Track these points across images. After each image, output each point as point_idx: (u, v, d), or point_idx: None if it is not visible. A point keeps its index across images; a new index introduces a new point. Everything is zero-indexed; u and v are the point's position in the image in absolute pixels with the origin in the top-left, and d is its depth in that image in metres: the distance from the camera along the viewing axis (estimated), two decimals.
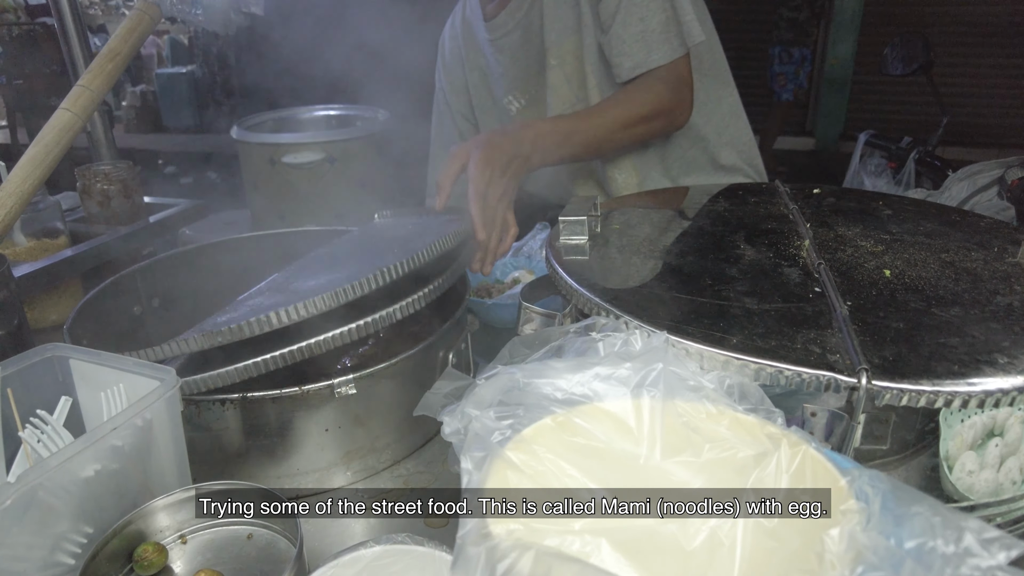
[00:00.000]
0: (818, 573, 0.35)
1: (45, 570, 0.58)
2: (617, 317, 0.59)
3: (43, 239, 1.24)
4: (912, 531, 0.33)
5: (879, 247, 0.73)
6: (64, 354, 0.73)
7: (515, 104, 1.35)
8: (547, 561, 0.31)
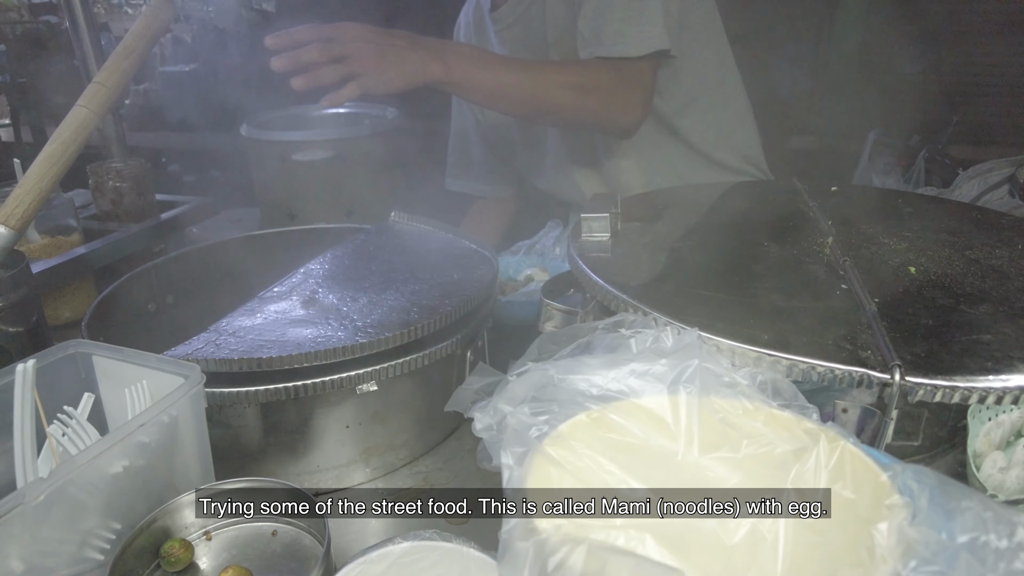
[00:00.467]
0: (869, 567, 0.35)
1: (74, 565, 0.58)
2: (646, 314, 0.59)
3: (57, 236, 1.23)
4: (964, 526, 0.33)
5: (902, 244, 0.73)
6: (87, 350, 0.73)
7: None
8: (601, 555, 0.31)
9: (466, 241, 1.15)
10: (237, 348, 0.80)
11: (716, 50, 1.24)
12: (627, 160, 1.25)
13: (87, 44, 1.55)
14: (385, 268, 1.03)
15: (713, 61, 1.22)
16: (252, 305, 0.90)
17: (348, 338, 0.81)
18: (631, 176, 1.27)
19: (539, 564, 0.34)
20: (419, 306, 0.91)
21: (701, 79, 1.21)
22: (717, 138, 1.27)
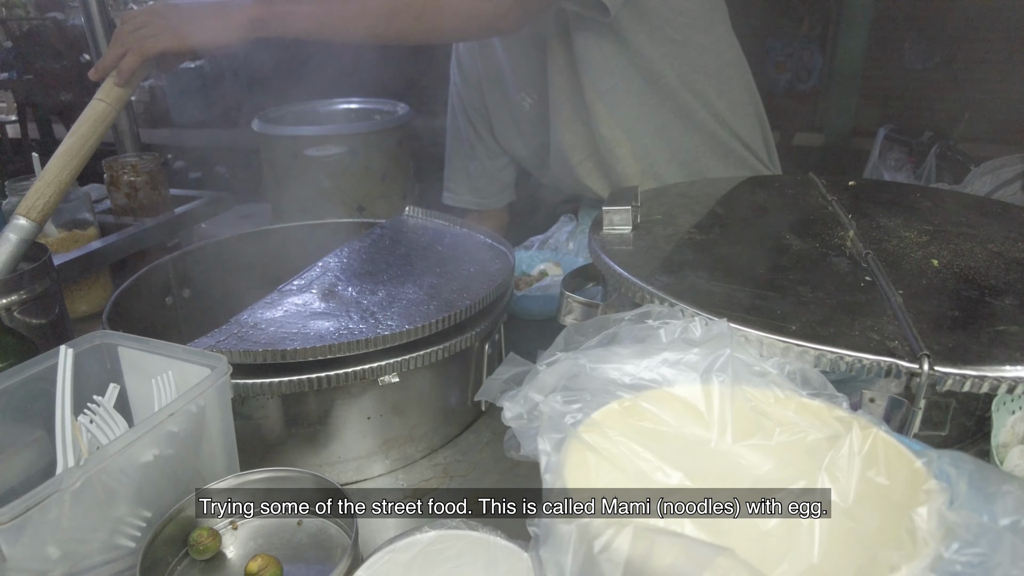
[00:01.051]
0: (911, 550, 0.36)
1: (106, 552, 0.59)
2: (672, 305, 0.59)
3: (74, 230, 1.24)
4: (1005, 509, 0.34)
5: (923, 238, 0.73)
6: (113, 341, 0.74)
7: (527, 101, 1.36)
8: (648, 537, 0.32)
9: (481, 235, 1.15)
10: (260, 340, 0.80)
11: (715, 36, 1.20)
12: (621, 148, 1.24)
13: (101, 39, 1.55)
14: (401, 262, 1.04)
15: (710, 47, 1.19)
16: (272, 298, 0.91)
17: (369, 330, 0.82)
18: (627, 165, 1.26)
19: (583, 546, 0.34)
20: (438, 299, 0.91)
21: (694, 64, 1.18)
22: (717, 122, 1.23)
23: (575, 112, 1.26)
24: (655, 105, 1.21)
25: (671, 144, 1.24)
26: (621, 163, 1.24)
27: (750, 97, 1.26)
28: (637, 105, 1.20)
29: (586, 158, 1.30)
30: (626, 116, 1.21)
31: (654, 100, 1.20)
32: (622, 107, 1.20)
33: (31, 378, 0.68)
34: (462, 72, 1.48)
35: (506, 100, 1.41)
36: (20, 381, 0.67)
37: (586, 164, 1.31)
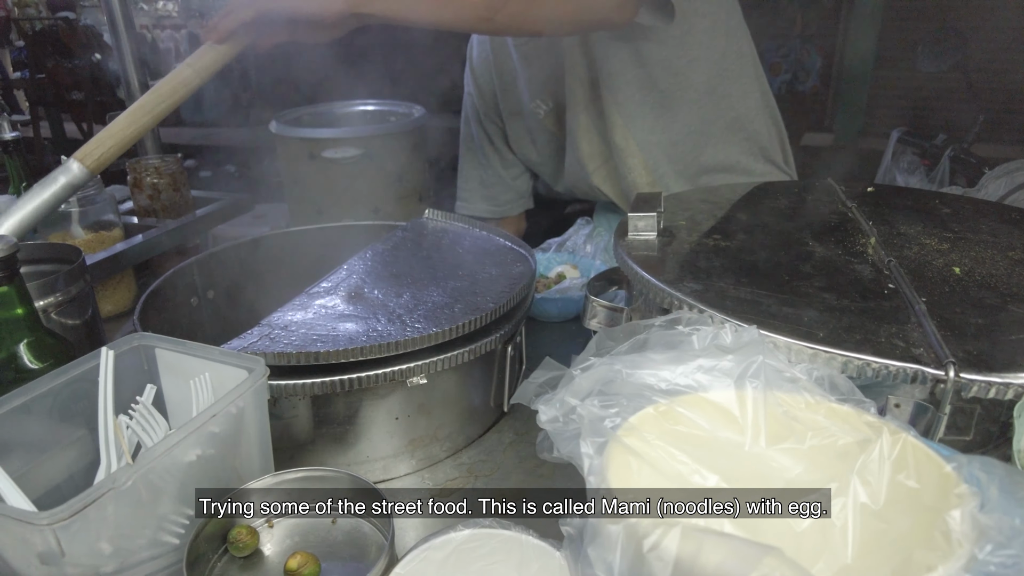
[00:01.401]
0: (945, 551, 0.37)
1: (153, 548, 0.61)
2: (701, 311, 0.61)
3: (99, 231, 1.26)
4: None
5: (944, 245, 0.74)
6: (150, 343, 0.76)
7: (542, 108, 1.37)
8: (696, 537, 0.33)
9: (500, 238, 1.17)
10: (291, 342, 0.82)
11: (735, 39, 1.21)
12: (633, 159, 1.26)
13: (123, 36, 1.57)
14: (424, 264, 1.06)
15: (732, 50, 1.20)
16: (301, 300, 0.93)
17: (398, 333, 0.84)
18: (638, 175, 1.28)
19: (631, 546, 0.36)
20: (462, 302, 0.93)
21: (718, 68, 1.18)
22: (730, 132, 1.25)
23: (592, 121, 1.28)
24: (668, 120, 1.22)
25: (681, 159, 1.27)
26: (632, 173, 1.26)
27: (766, 100, 1.27)
28: (652, 118, 1.22)
29: (600, 166, 1.32)
30: (640, 128, 1.23)
31: (668, 115, 1.22)
32: (636, 119, 1.22)
33: (74, 379, 0.70)
34: (476, 82, 1.50)
35: (520, 108, 1.42)
36: (64, 382, 0.69)
37: (600, 172, 1.33)
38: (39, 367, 0.79)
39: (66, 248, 0.94)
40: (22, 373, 0.78)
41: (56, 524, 0.51)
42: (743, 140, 1.25)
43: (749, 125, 1.25)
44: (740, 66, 1.22)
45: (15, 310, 0.77)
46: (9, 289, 0.76)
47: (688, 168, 1.27)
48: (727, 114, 1.23)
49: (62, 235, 1.23)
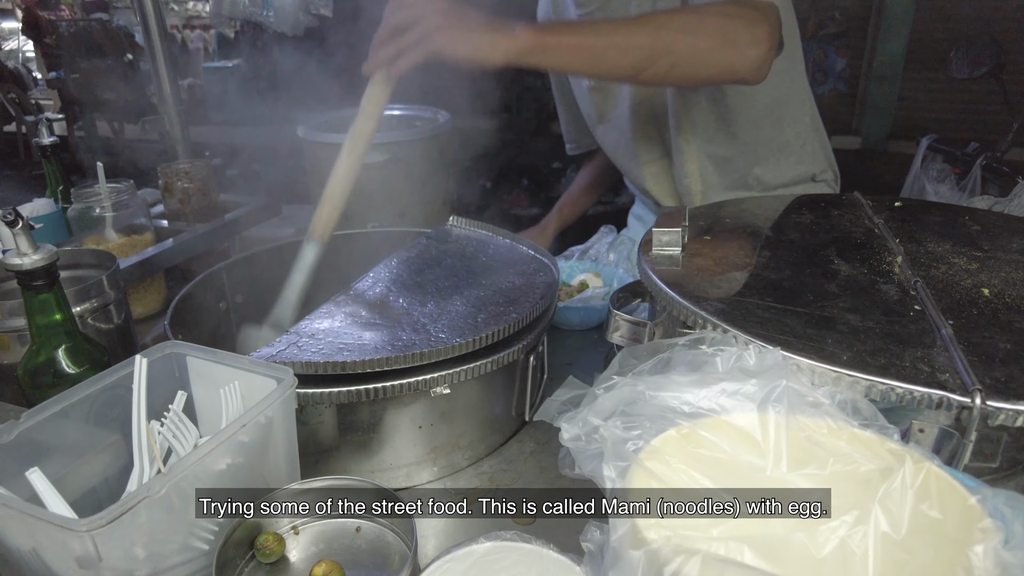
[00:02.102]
0: None
1: (183, 553, 0.63)
2: (725, 331, 0.61)
3: (132, 235, 1.29)
4: None
5: (974, 264, 0.74)
6: (182, 351, 0.78)
7: (587, 81, 1.35)
8: (716, 566, 0.34)
9: (523, 247, 1.18)
10: (318, 350, 0.84)
11: (794, 62, 1.22)
12: (692, 165, 1.26)
13: (156, 39, 1.60)
14: (448, 273, 1.07)
15: (789, 73, 1.21)
16: (327, 308, 0.94)
17: (422, 343, 0.85)
18: (693, 181, 1.29)
19: (652, 572, 0.37)
20: (485, 312, 0.94)
21: (778, 90, 1.20)
22: (782, 154, 1.27)
23: (653, 115, 1.28)
24: (728, 136, 1.24)
25: (733, 175, 1.29)
26: (689, 178, 1.28)
27: (815, 124, 1.31)
28: (713, 130, 1.24)
29: (654, 160, 1.33)
30: (701, 138, 1.24)
31: (728, 130, 1.24)
32: (699, 128, 1.23)
33: (109, 386, 0.72)
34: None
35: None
36: (100, 388, 0.71)
37: (652, 167, 1.34)
38: (76, 372, 0.81)
39: (101, 254, 0.96)
40: (60, 377, 0.81)
41: (94, 530, 0.52)
42: (795, 163, 1.28)
43: (800, 149, 1.27)
44: (794, 90, 1.25)
45: (54, 316, 0.80)
46: (48, 296, 0.79)
47: (737, 184, 1.29)
48: (779, 137, 1.25)
49: (96, 239, 1.26)
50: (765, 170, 1.28)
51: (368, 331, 0.89)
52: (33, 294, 0.77)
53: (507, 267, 1.10)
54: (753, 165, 1.27)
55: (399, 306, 0.96)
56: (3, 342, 0.90)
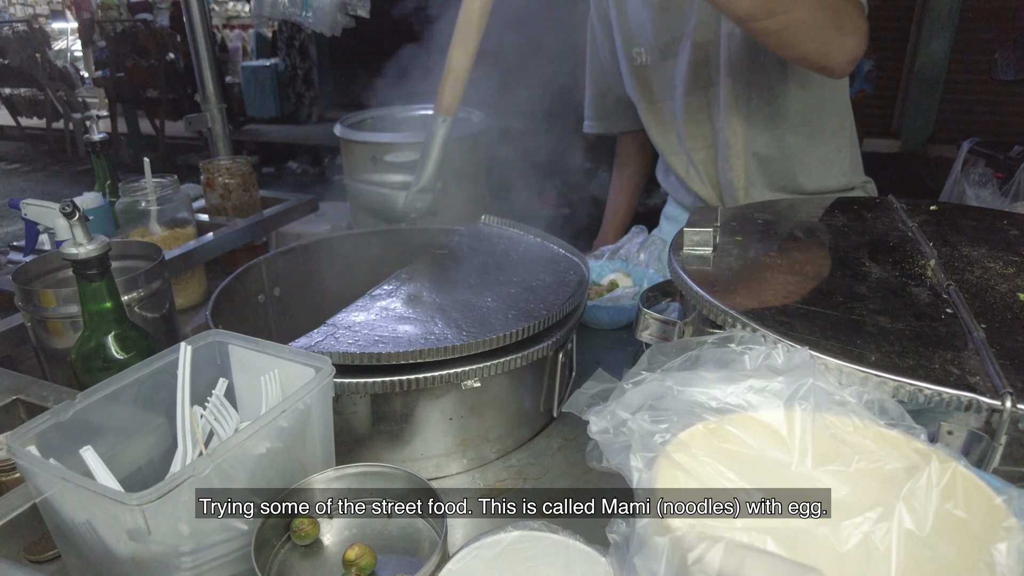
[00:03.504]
0: None
1: (223, 532, 0.66)
2: (754, 330, 0.62)
3: (175, 229, 1.34)
4: None
5: (1009, 269, 0.73)
6: (224, 340, 0.81)
7: (640, 58, 1.36)
8: (739, 553, 0.35)
9: (554, 245, 1.19)
10: (354, 342, 0.86)
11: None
12: (737, 160, 1.27)
13: (201, 38, 1.64)
14: (480, 270, 1.09)
15: (832, 84, 1.24)
16: (364, 302, 0.97)
17: (454, 336, 0.87)
18: (736, 176, 1.29)
19: (676, 558, 0.38)
20: (516, 308, 0.96)
21: (821, 99, 1.23)
22: (824, 166, 1.30)
23: (705, 101, 1.28)
24: (774, 137, 1.25)
25: (775, 177, 1.30)
26: (733, 172, 1.28)
27: (852, 140, 1.32)
28: (760, 128, 1.25)
29: (700, 148, 1.34)
30: (749, 136, 1.25)
31: (775, 132, 1.25)
32: (752, 125, 1.24)
33: (156, 371, 0.76)
34: (597, 6, 1.47)
35: (625, 47, 1.40)
36: (148, 374, 0.75)
37: (699, 153, 1.34)
38: (124, 358, 0.85)
39: (148, 246, 1.00)
40: (109, 363, 0.84)
41: (144, 505, 0.55)
42: (837, 174, 1.30)
43: (841, 160, 1.29)
44: (836, 100, 1.27)
45: (105, 303, 0.84)
46: (101, 284, 0.83)
47: (778, 187, 1.30)
48: (823, 146, 1.27)
49: (141, 231, 1.31)
50: (807, 179, 1.29)
51: (402, 324, 0.92)
52: (86, 283, 0.81)
53: (538, 265, 1.11)
54: (796, 173, 1.28)
55: (432, 301, 0.98)
56: (57, 328, 0.94)
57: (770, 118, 1.24)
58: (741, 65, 1.20)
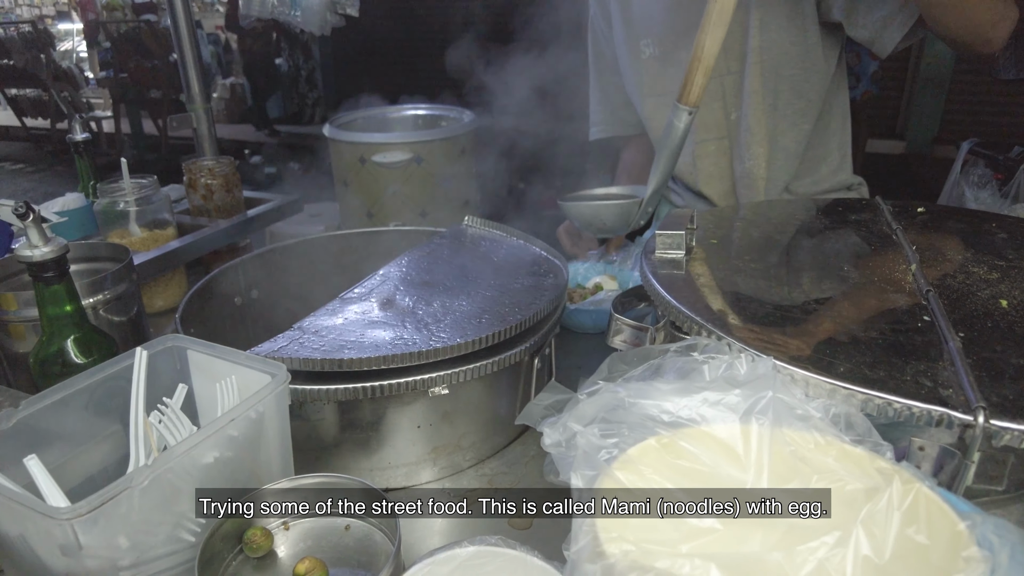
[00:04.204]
0: None
1: (169, 544, 0.63)
2: (720, 338, 0.59)
3: (155, 230, 1.32)
4: None
5: (994, 274, 0.70)
6: (183, 345, 0.79)
7: (648, 50, 1.32)
8: None
9: (536, 248, 1.17)
10: (319, 347, 0.84)
11: (841, 71, 1.25)
12: (760, 148, 1.24)
13: (185, 39, 1.63)
14: (458, 272, 1.06)
15: (837, 83, 1.23)
16: (334, 306, 0.95)
17: (423, 342, 0.84)
18: (755, 165, 1.26)
19: None
20: (490, 313, 0.93)
21: (827, 98, 1.22)
22: (824, 163, 1.29)
23: (720, 89, 1.25)
24: (798, 134, 1.24)
25: (794, 170, 1.27)
26: (752, 160, 1.25)
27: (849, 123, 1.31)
28: (787, 124, 1.23)
29: (711, 139, 1.30)
30: (772, 127, 1.23)
31: (797, 130, 1.23)
32: (778, 114, 1.22)
33: (110, 376, 0.74)
34: (600, 2, 1.44)
35: (628, 42, 1.37)
36: (100, 379, 0.73)
37: (708, 145, 1.30)
38: (84, 362, 0.83)
39: (116, 248, 0.98)
40: (68, 367, 0.82)
41: (75, 519, 0.53)
42: (835, 172, 1.29)
43: (841, 159, 1.28)
44: (839, 100, 1.26)
45: (64, 307, 0.82)
46: (59, 287, 0.80)
47: (793, 182, 1.28)
48: (827, 146, 1.27)
49: (120, 232, 1.29)
50: (809, 180, 1.28)
51: (372, 329, 0.89)
52: (44, 285, 0.79)
53: (517, 268, 1.08)
54: (810, 168, 1.27)
55: (405, 305, 0.96)
56: (18, 331, 0.92)
57: (799, 112, 1.22)
58: (775, 54, 1.18)
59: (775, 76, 1.19)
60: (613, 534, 0.40)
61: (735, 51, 1.20)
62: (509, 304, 0.95)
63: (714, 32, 0.91)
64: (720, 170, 1.31)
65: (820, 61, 1.17)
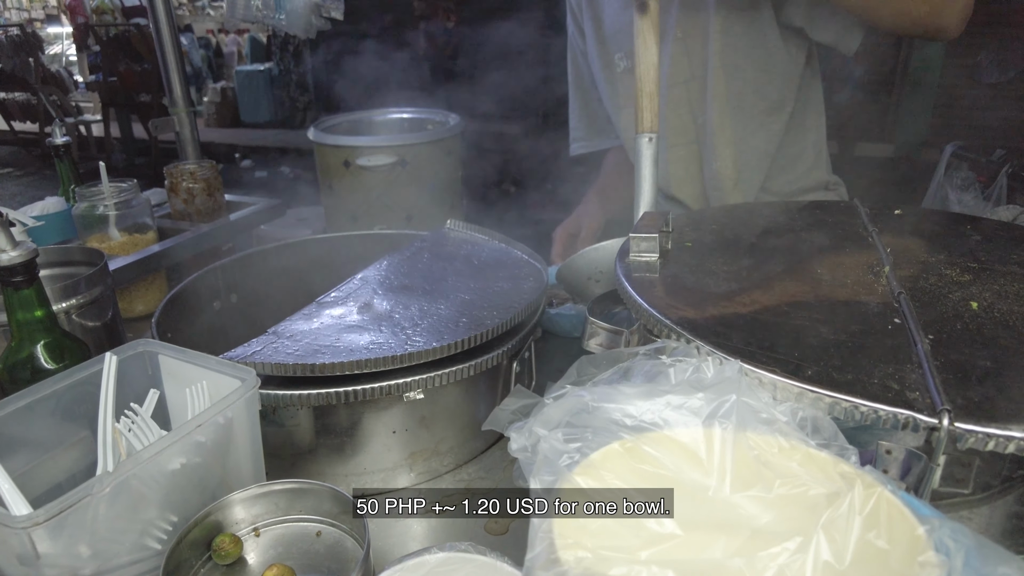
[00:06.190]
0: None
1: (134, 552, 0.62)
2: (688, 341, 0.59)
3: (135, 234, 1.31)
4: None
5: (966, 276, 0.70)
6: (154, 349, 0.78)
7: (623, 63, 1.33)
8: None
9: (517, 251, 1.16)
10: (294, 351, 0.83)
11: (814, 70, 1.25)
12: (726, 149, 1.24)
13: (168, 43, 1.62)
14: (438, 276, 1.06)
15: (811, 81, 1.24)
16: (310, 310, 0.94)
17: (399, 346, 0.84)
18: (723, 165, 1.27)
19: None
20: (468, 316, 0.92)
21: (802, 95, 1.22)
22: (799, 161, 1.29)
23: (686, 94, 1.26)
24: (767, 134, 1.24)
25: (764, 171, 1.27)
26: (720, 161, 1.26)
27: (824, 121, 1.32)
28: (756, 125, 1.23)
29: (681, 145, 1.31)
30: (739, 126, 1.23)
31: (766, 130, 1.24)
32: (743, 114, 1.22)
33: (79, 382, 0.73)
34: (575, 20, 1.44)
35: (602, 57, 1.38)
36: (68, 385, 0.72)
37: (679, 150, 1.31)
38: (55, 367, 0.82)
39: (91, 252, 0.97)
40: (38, 373, 0.81)
41: (31, 527, 0.52)
42: (811, 170, 1.30)
43: (816, 156, 1.29)
44: (814, 98, 1.27)
45: (34, 312, 0.81)
46: (29, 292, 0.79)
47: (765, 183, 1.29)
48: (799, 143, 1.27)
49: (100, 237, 1.28)
50: (791, 175, 1.28)
51: (347, 333, 0.89)
52: (12, 290, 0.78)
53: (498, 271, 1.08)
54: (783, 169, 1.27)
55: (382, 309, 0.95)
56: None
57: (766, 113, 1.22)
58: (736, 58, 1.18)
59: (738, 79, 1.20)
60: (570, 540, 0.40)
61: (697, 56, 1.21)
62: (488, 307, 0.95)
63: (644, 58, 0.94)
64: (690, 174, 1.32)
65: (783, 63, 1.18)
